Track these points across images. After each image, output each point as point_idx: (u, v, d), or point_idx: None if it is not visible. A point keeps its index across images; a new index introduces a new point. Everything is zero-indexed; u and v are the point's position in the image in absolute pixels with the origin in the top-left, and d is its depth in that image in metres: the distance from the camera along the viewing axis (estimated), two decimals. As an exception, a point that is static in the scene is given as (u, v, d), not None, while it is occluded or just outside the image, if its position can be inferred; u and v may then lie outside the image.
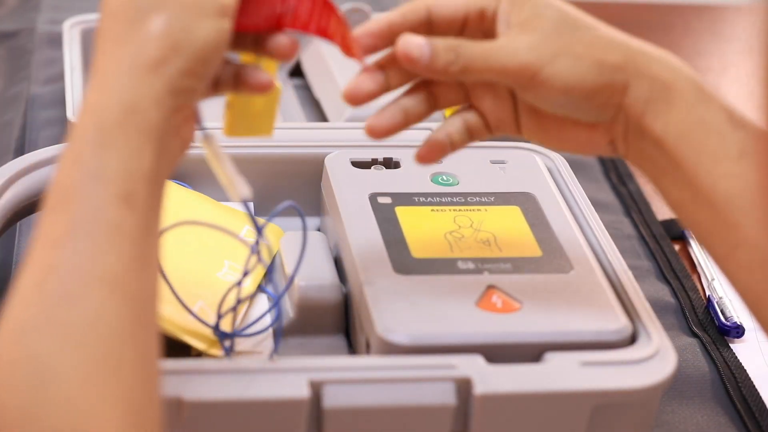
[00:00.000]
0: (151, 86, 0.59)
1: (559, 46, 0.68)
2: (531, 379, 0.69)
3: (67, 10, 1.26)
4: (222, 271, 0.80)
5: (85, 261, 0.55)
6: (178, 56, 0.60)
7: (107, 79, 0.59)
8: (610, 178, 1.11)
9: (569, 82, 0.68)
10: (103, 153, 0.57)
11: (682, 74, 0.69)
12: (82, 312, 0.54)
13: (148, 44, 0.60)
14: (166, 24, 0.60)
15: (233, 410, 0.67)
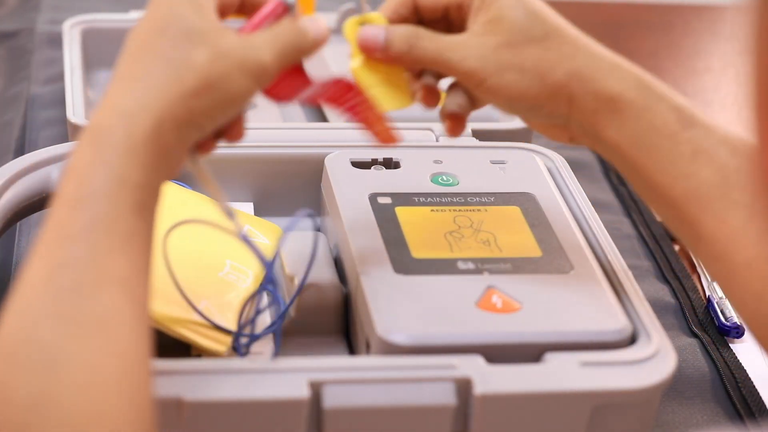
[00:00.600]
0: (177, 112, 0.61)
1: (507, 58, 0.72)
2: (531, 379, 0.69)
3: (67, 10, 1.26)
4: (224, 270, 0.80)
5: (100, 259, 0.56)
6: (208, 95, 0.62)
7: (143, 91, 0.61)
8: (610, 178, 1.11)
9: (512, 93, 0.72)
10: (131, 161, 0.59)
11: (630, 83, 0.72)
12: (94, 306, 0.55)
13: (188, 73, 0.62)
14: (210, 63, 0.62)
15: (233, 410, 0.67)
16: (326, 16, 1.19)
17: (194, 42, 0.63)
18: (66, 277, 0.55)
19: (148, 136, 0.60)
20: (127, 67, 0.63)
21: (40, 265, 0.56)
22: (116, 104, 0.61)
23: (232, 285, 0.79)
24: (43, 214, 0.91)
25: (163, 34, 0.63)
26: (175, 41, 0.63)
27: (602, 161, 1.13)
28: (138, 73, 0.62)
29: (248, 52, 0.64)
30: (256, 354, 0.76)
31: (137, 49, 0.63)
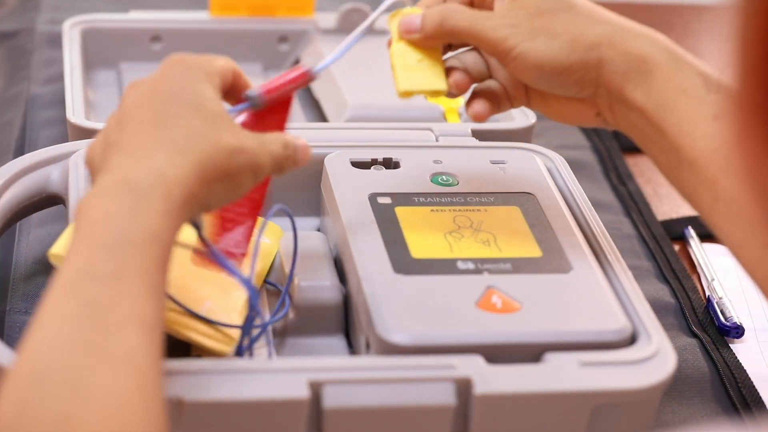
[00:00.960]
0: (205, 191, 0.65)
1: (537, 24, 0.75)
2: (531, 379, 0.70)
3: (67, 10, 1.26)
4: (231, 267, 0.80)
5: (127, 302, 0.59)
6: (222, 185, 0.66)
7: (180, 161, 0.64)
8: (610, 178, 1.11)
9: (542, 58, 0.75)
10: (166, 221, 0.62)
11: (659, 47, 0.74)
12: (119, 344, 0.58)
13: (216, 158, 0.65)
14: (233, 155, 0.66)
15: (233, 410, 0.67)
16: (326, 16, 1.19)
17: (219, 125, 0.66)
18: (95, 314, 0.58)
19: (183, 203, 0.63)
20: (158, 127, 0.65)
21: (69, 297, 0.59)
22: (156, 167, 0.63)
23: (235, 285, 0.79)
24: (43, 214, 0.91)
25: (198, 111, 0.66)
26: (204, 117, 0.66)
27: (602, 161, 1.13)
28: (174, 138, 0.64)
29: (258, 156, 0.68)
30: (257, 354, 0.76)
31: (164, 111, 0.65)
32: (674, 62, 0.74)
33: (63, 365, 0.56)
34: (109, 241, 0.60)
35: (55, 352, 0.56)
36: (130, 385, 0.56)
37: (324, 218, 0.88)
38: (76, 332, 0.57)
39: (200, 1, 1.25)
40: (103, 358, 0.57)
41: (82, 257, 0.60)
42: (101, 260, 0.60)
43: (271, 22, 1.18)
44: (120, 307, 0.58)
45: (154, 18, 1.17)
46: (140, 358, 0.58)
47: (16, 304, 0.85)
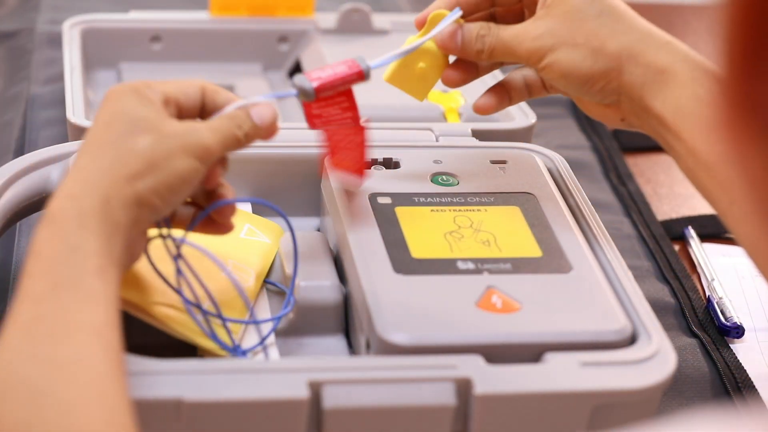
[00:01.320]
0: (124, 192, 0.66)
1: (561, 35, 0.79)
2: (531, 379, 0.69)
3: (67, 10, 1.26)
4: (226, 271, 0.80)
5: (68, 312, 0.61)
6: (152, 175, 0.67)
7: (89, 176, 0.66)
8: (610, 178, 1.11)
9: (567, 68, 0.80)
10: (83, 232, 0.64)
11: (678, 57, 0.77)
12: (68, 349, 0.60)
13: (130, 156, 0.67)
14: (151, 146, 0.67)
15: (233, 410, 0.67)
16: (326, 16, 1.19)
17: (138, 129, 0.68)
18: (40, 327, 0.60)
19: (97, 211, 0.65)
20: (78, 161, 0.68)
21: (16, 322, 0.61)
22: (67, 191, 0.66)
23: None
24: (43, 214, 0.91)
25: (109, 127, 0.68)
26: (121, 131, 0.68)
27: (602, 161, 1.13)
28: (85, 163, 0.67)
29: (191, 135, 0.69)
30: (257, 354, 0.76)
31: (89, 145, 0.68)
32: (691, 71, 0.76)
33: (16, 376, 0.58)
34: (39, 268, 0.63)
35: (9, 366, 0.59)
36: (84, 388, 0.58)
37: (324, 218, 0.88)
38: (27, 346, 0.60)
39: (200, 1, 1.25)
40: (54, 365, 0.59)
41: (20, 289, 0.63)
42: (34, 284, 0.62)
43: (271, 22, 1.18)
44: (62, 318, 0.61)
45: (154, 18, 1.17)
46: (91, 362, 0.60)
47: (16, 304, 0.85)
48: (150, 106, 0.69)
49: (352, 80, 0.76)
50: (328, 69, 0.75)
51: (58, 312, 0.61)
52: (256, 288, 0.81)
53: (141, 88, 0.70)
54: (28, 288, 0.62)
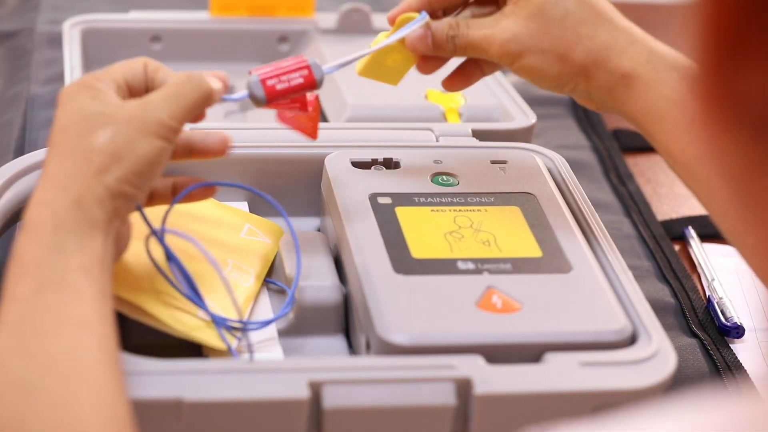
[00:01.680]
0: (94, 189, 0.66)
1: (526, 42, 0.80)
2: (531, 379, 0.69)
3: (67, 10, 1.26)
4: (227, 269, 0.80)
5: (55, 309, 0.62)
6: (118, 166, 0.67)
7: (58, 181, 0.67)
8: (610, 178, 1.11)
9: (536, 73, 0.81)
10: (60, 234, 0.65)
11: (641, 60, 0.78)
12: (59, 345, 0.61)
13: (92, 154, 0.67)
14: (111, 138, 0.67)
15: (233, 410, 0.67)
16: (326, 16, 1.19)
17: (95, 124, 0.68)
18: (29, 325, 0.61)
19: (71, 212, 0.65)
20: (45, 169, 0.68)
21: (4, 323, 0.62)
22: (38, 200, 0.66)
23: (235, 284, 0.79)
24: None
25: (67, 130, 0.68)
26: (78, 131, 0.68)
27: (602, 161, 1.13)
28: (52, 170, 0.67)
29: (147, 115, 0.68)
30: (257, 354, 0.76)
31: (52, 151, 0.68)
32: (656, 72, 0.77)
33: (7, 374, 0.59)
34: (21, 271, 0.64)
35: (3, 363, 0.60)
36: (77, 381, 0.59)
37: (324, 218, 0.88)
38: (16, 343, 0.60)
39: (200, 1, 1.25)
40: (45, 359, 0.60)
41: (5, 289, 0.63)
42: (19, 289, 0.63)
43: (271, 22, 1.18)
44: (51, 314, 0.61)
45: (154, 18, 1.17)
46: (81, 355, 0.60)
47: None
48: (102, 99, 0.69)
49: (304, 90, 0.76)
50: (284, 76, 0.75)
51: (45, 309, 0.62)
52: (257, 288, 0.81)
53: (90, 82, 0.70)
54: (12, 291, 0.63)
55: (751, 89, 0.38)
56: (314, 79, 0.76)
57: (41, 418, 0.57)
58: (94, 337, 0.62)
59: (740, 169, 0.40)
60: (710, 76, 0.39)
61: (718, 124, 0.40)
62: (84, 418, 0.58)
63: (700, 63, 0.40)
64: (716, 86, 0.39)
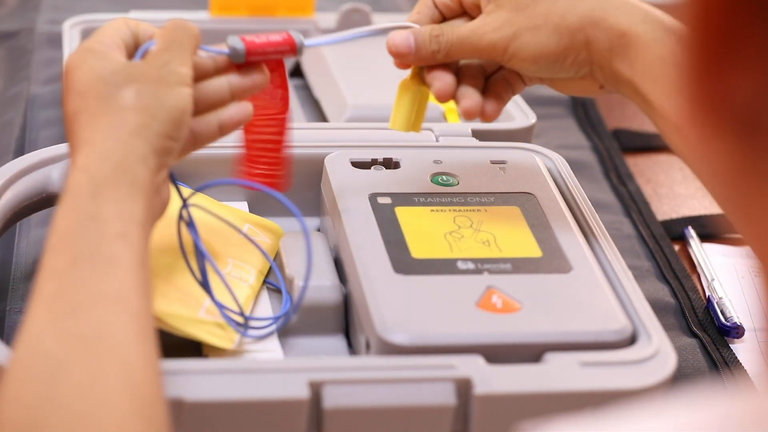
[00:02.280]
0: (137, 147, 0.66)
1: (519, 22, 0.78)
2: (531, 379, 0.69)
3: (67, 10, 1.26)
4: (227, 268, 0.80)
5: (89, 283, 0.61)
6: (155, 121, 0.67)
7: (95, 145, 0.66)
8: (610, 178, 1.11)
9: (534, 52, 0.78)
10: (97, 201, 0.64)
11: (637, 18, 0.76)
12: (89, 322, 0.60)
13: (126, 112, 0.67)
14: (137, 95, 0.68)
15: (233, 410, 0.67)
16: (326, 16, 1.19)
17: (114, 84, 0.68)
18: (61, 302, 0.61)
19: (111, 177, 0.65)
20: (77, 137, 0.68)
21: (38, 298, 0.62)
22: (77, 164, 0.66)
23: (236, 283, 0.79)
24: (43, 214, 0.91)
25: (85, 94, 0.68)
26: (98, 93, 0.68)
27: (602, 161, 1.13)
28: (86, 136, 0.67)
29: (160, 70, 0.69)
30: (257, 353, 0.76)
31: (79, 120, 0.68)
32: (653, 32, 0.76)
33: (37, 352, 0.59)
34: (57, 240, 0.63)
35: (30, 344, 0.60)
36: (105, 362, 0.59)
37: (324, 218, 0.88)
38: (48, 322, 0.60)
39: (200, 1, 1.25)
40: (75, 339, 0.59)
41: (43, 261, 0.63)
42: (53, 258, 0.63)
43: (271, 22, 1.18)
44: (83, 290, 0.61)
45: (154, 18, 1.17)
46: (113, 332, 0.60)
47: (16, 304, 0.85)
48: (110, 59, 0.70)
49: (284, 51, 0.75)
50: (263, 36, 0.74)
51: (79, 284, 0.61)
52: (257, 287, 0.81)
53: (93, 46, 0.71)
54: (49, 263, 0.63)
55: (739, 91, 0.38)
56: (294, 42, 0.75)
57: (68, 396, 0.57)
58: (128, 313, 0.61)
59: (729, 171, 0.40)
60: (698, 76, 0.40)
61: (707, 125, 0.40)
62: (111, 398, 0.58)
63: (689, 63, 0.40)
64: (704, 87, 0.39)
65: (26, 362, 0.59)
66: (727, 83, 0.39)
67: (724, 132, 0.39)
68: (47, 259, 0.63)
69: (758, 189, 0.40)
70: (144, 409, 0.58)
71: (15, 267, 0.89)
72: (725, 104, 0.39)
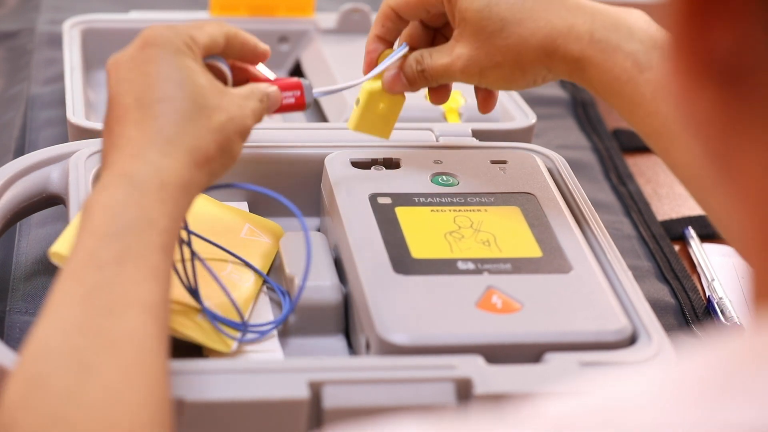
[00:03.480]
0: (199, 176, 0.68)
1: (481, 60, 0.81)
2: (531, 379, 0.69)
3: (67, 10, 1.26)
4: (226, 270, 0.80)
5: (129, 286, 0.62)
6: (221, 160, 0.70)
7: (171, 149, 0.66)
8: (610, 178, 1.11)
9: (504, 84, 0.83)
10: (162, 208, 0.65)
11: (585, 42, 0.78)
12: (123, 325, 0.61)
13: (207, 137, 0.68)
14: (221, 128, 0.69)
15: (234, 410, 0.67)
16: (326, 16, 1.19)
17: (204, 103, 0.69)
18: (99, 298, 0.61)
19: (176, 191, 0.66)
20: (153, 120, 0.67)
21: (75, 285, 0.62)
22: (152, 159, 0.66)
23: (235, 285, 0.79)
24: (43, 214, 0.91)
25: (181, 87, 0.68)
26: (195, 100, 0.69)
27: (602, 161, 1.13)
28: (169, 132, 0.67)
29: (245, 120, 0.72)
30: (257, 354, 0.76)
31: (159, 101, 0.68)
32: (602, 53, 0.78)
33: (68, 345, 0.59)
34: (110, 230, 0.63)
35: (61, 333, 0.60)
36: (131, 365, 0.60)
37: (324, 218, 0.88)
38: (81, 315, 0.60)
39: (200, 1, 1.25)
40: (106, 339, 0.60)
41: (85, 247, 0.63)
42: (102, 248, 0.63)
43: (271, 22, 1.18)
44: (122, 291, 0.62)
45: (154, 18, 1.17)
46: (142, 339, 0.61)
47: (16, 304, 0.85)
48: (206, 74, 0.71)
49: (294, 110, 0.81)
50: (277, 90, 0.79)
51: (119, 284, 0.62)
52: (257, 288, 0.81)
53: (189, 44, 0.71)
54: (93, 250, 0.63)
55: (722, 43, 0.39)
56: (304, 101, 0.81)
57: (92, 397, 0.58)
58: (158, 323, 0.62)
59: (713, 124, 0.41)
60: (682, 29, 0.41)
61: (691, 77, 0.41)
62: (134, 404, 0.58)
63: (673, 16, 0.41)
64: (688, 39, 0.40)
65: (54, 353, 0.59)
66: (710, 35, 0.40)
67: (707, 84, 0.41)
68: (93, 245, 0.63)
69: (739, 142, 0.41)
70: (159, 416, 0.59)
71: (15, 267, 0.89)
72: (709, 56, 0.40)
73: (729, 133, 0.41)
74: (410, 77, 0.84)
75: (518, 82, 0.82)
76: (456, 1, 0.81)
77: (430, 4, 0.83)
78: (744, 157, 0.41)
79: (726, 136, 0.41)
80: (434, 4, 0.83)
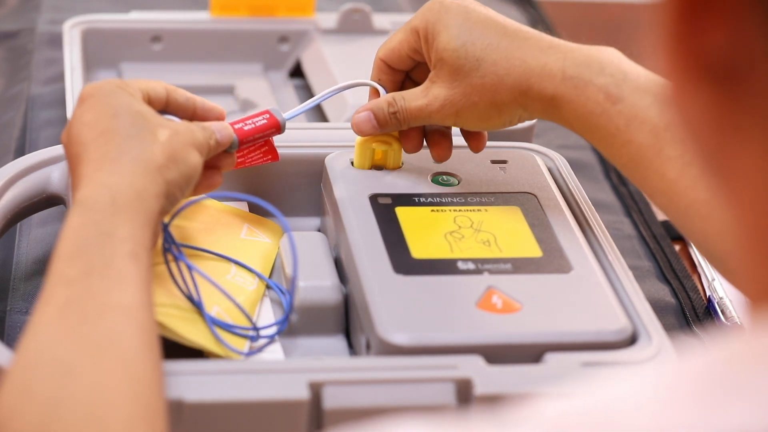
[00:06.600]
0: (157, 183, 0.71)
1: (457, 101, 0.81)
2: (531, 379, 0.69)
3: (68, 10, 1.26)
4: (231, 273, 0.80)
5: (100, 295, 0.65)
6: (176, 168, 0.72)
7: (121, 166, 0.70)
8: (610, 178, 1.11)
9: (479, 124, 0.82)
10: (116, 220, 0.68)
11: (557, 80, 0.79)
12: (100, 330, 0.63)
13: (156, 148, 0.72)
14: (169, 139, 0.73)
15: (233, 411, 0.67)
16: (326, 16, 1.19)
17: (150, 122, 0.73)
18: (73, 310, 0.64)
19: (131, 201, 0.69)
20: (98, 149, 0.71)
21: (49, 305, 0.64)
22: (100, 180, 0.70)
23: (240, 288, 0.79)
24: (43, 215, 0.91)
25: (119, 119, 0.72)
26: (136, 123, 0.73)
27: (603, 161, 1.13)
28: (113, 155, 0.71)
29: (194, 133, 0.75)
30: (257, 354, 0.76)
31: (107, 135, 0.72)
32: (575, 89, 0.78)
33: (50, 355, 0.62)
34: (73, 251, 0.66)
35: (44, 345, 0.62)
36: (114, 367, 0.61)
37: (324, 218, 0.88)
38: (58, 328, 0.63)
39: (200, 1, 1.25)
40: (86, 345, 0.62)
41: (53, 271, 0.66)
42: (68, 267, 0.66)
43: (271, 22, 1.18)
44: (93, 300, 0.64)
45: (154, 18, 1.17)
46: (122, 340, 0.63)
47: (17, 304, 0.85)
48: (139, 102, 0.74)
49: (272, 133, 0.82)
50: (249, 121, 0.81)
51: (90, 294, 0.64)
52: (260, 289, 0.81)
53: (122, 85, 0.75)
54: (60, 271, 0.66)
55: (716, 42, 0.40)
56: (277, 120, 0.82)
57: (77, 401, 0.59)
58: (135, 324, 0.64)
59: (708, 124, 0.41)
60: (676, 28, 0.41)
61: (685, 78, 0.41)
62: (119, 404, 0.60)
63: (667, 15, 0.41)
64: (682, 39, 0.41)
65: (37, 364, 0.61)
66: (704, 34, 0.40)
67: (701, 84, 0.41)
68: (59, 267, 0.66)
69: (733, 142, 0.41)
70: (147, 414, 0.60)
71: (15, 267, 0.89)
72: (703, 55, 0.40)
73: (723, 133, 0.41)
74: (381, 119, 0.83)
75: (494, 122, 0.82)
76: (433, 43, 0.81)
77: (414, 51, 0.83)
78: (738, 157, 0.41)
79: (720, 136, 0.41)
80: (418, 51, 0.83)
